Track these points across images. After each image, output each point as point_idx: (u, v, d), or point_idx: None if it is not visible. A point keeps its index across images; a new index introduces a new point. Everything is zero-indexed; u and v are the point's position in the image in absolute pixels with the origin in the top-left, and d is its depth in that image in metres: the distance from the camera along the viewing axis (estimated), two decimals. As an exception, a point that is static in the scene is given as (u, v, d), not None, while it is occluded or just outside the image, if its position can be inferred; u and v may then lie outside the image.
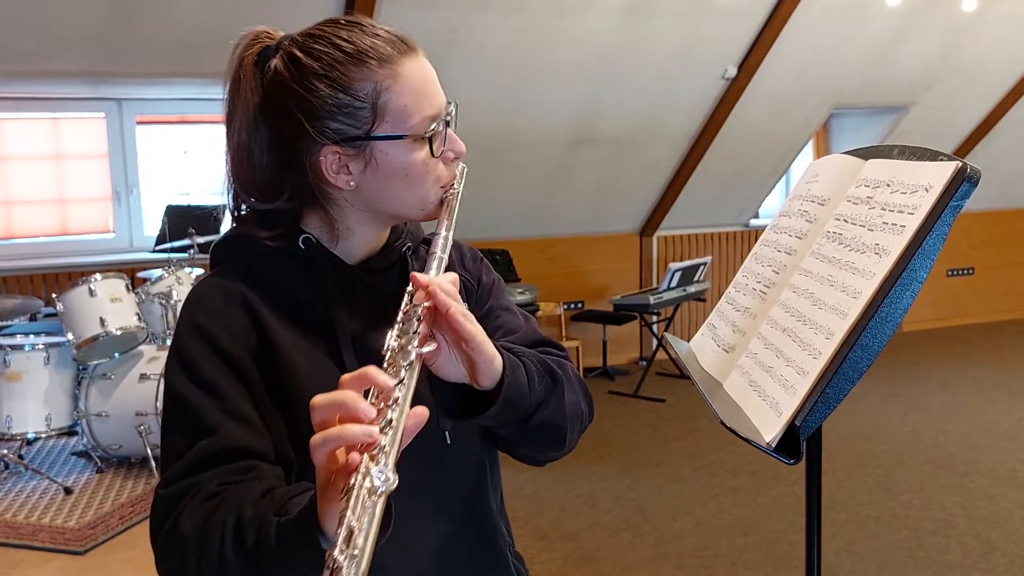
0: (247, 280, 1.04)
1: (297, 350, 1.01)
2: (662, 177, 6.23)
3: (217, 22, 4.21)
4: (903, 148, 1.12)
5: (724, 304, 1.38)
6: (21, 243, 5.24)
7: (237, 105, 1.04)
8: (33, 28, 4.14)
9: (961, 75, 6.30)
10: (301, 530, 0.82)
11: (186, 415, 0.97)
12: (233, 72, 1.05)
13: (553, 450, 1.11)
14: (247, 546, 0.86)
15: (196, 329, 1.00)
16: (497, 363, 0.97)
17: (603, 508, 3.89)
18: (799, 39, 5.45)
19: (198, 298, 1.03)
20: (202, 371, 0.98)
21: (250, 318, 1.01)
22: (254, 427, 0.97)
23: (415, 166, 1.01)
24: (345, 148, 1.00)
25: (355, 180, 1.02)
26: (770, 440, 1.01)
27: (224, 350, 0.99)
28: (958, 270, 7.79)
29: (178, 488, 0.94)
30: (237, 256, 1.07)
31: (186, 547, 0.91)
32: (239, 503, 0.89)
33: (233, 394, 0.97)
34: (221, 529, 0.88)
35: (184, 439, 0.96)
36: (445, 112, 1.04)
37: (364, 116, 0.99)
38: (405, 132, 1.00)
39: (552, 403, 1.05)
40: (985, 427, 4.89)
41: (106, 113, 5.30)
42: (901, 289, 0.98)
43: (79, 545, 3.53)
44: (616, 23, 4.98)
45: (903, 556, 3.34)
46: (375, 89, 0.99)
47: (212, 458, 0.94)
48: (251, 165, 1.04)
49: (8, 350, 4.08)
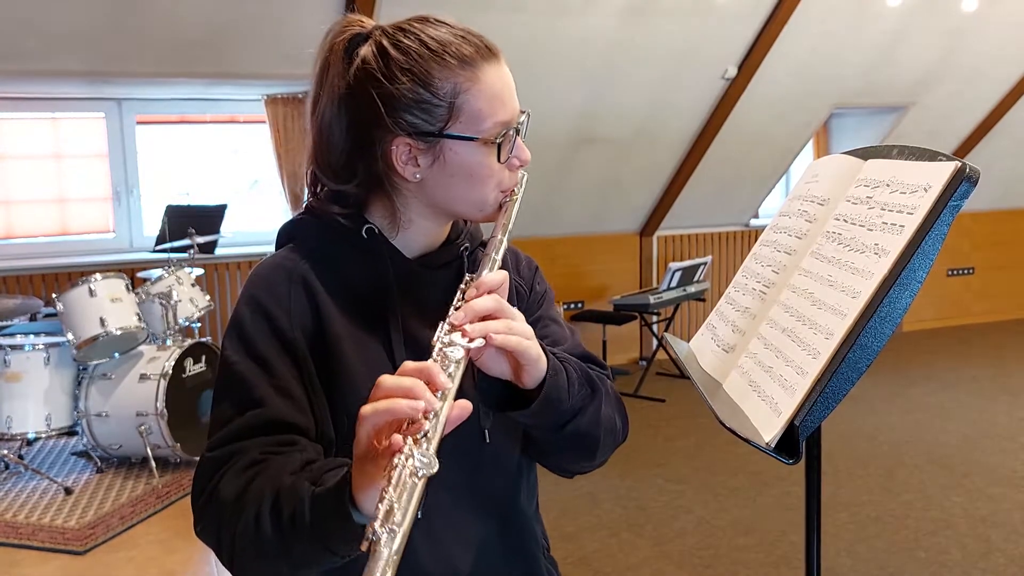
0: (311, 262, 1.07)
1: (350, 337, 1.05)
2: (662, 177, 6.23)
3: (217, 22, 4.21)
4: (903, 148, 1.12)
5: (724, 304, 1.38)
6: (21, 243, 5.24)
7: (324, 88, 1.07)
8: (33, 28, 4.14)
9: (961, 75, 6.30)
10: (335, 500, 0.85)
11: (237, 386, 1.01)
12: (323, 56, 1.07)
13: (584, 460, 1.14)
14: (283, 516, 0.89)
15: (258, 306, 1.04)
16: (542, 364, 1.00)
17: (604, 508, 3.89)
18: (799, 39, 5.45)
19: (263, 276, 1.07)
20: (257, 347, 1.02)
21: (309, 302, 1.05)
22: (300, 405, 1.01)
23: (480, 168, 1.04)
24: (417, 141, 1.03)
25: (421, 173, 1.05)
26: (770, 440, 1.01)
27: (281, 330, 1.03)
28: (958, 270, 7.79)
29: (223, 452, 0.98)
30: (306, 236, 1.11)
31: (224, 511, 0.94)
32: (278, 473, 0.93)
33: (284, 372, 1.01)
34: (260, 497, 0.92)
35: (233, 408, 1.00)
36: (517, 120, 1.06)
37: (440, 113, 1.02)
38: (476, 134, 1.03)
39: (588, 412, 1.08)
40: (985, 427, 4.89)
41: (106, 113, 5.30)
42: (900, 289, 0.98)
43: (79, 545, 3.53)
44: (616, 23, 4.98)
45: (903, 556, 3.34)
46: (454, 89, 1.02)
47: (258, 428, 0.98)
48: (330, 147, 1.07)
49: (8, 350, 4.08)
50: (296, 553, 0.91)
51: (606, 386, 1.15)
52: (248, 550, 0.93)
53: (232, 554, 0.95)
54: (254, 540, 0.91)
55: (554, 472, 1.20)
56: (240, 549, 0.93)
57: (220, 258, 5.34)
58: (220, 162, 5.80)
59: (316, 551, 0.90)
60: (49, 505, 3.87)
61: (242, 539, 0.93)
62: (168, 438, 4.08)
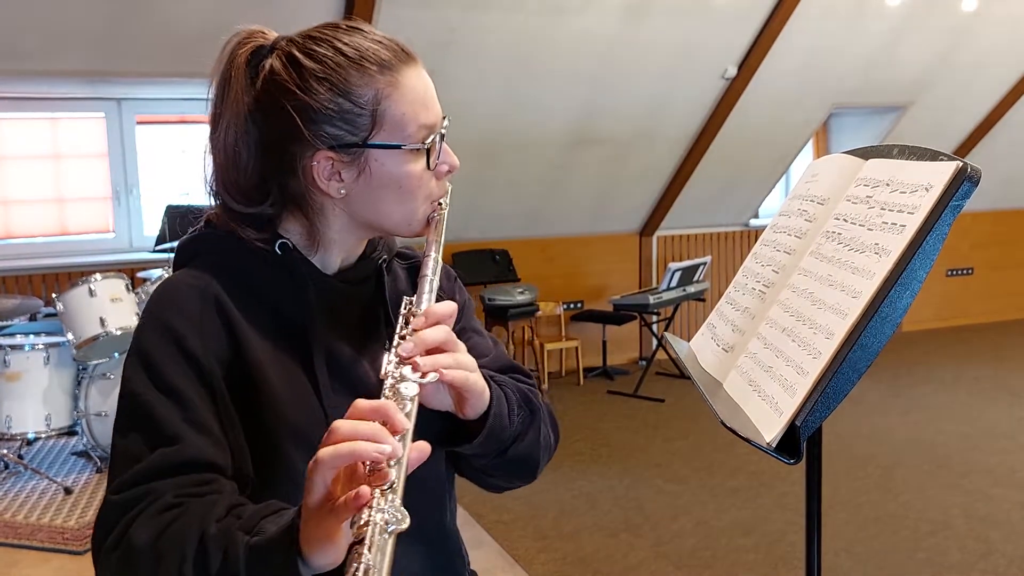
0: (223, 282, 0.99)
1: (269, 359, 0.98)
2: (662, 177, 6.23)
3: (217, 22, 4.17)
4: (903, 148, 1.12)
5: (724, 304, 1.38)
6: (21, 243, 5.24)
7: (226, 104, 1.00)
8: (33, 28, 4.14)
9: (961, 75, 6.30)
10: (280, 553, 0.78)
11: (146, 419, 0.91)
12: (223, 71, 1.01)
13: (522, 481, 1.11)
14: (210, 566, 0.80)
15: (166, 330, 0.95)
16: (486, 396, 0.97)
17: (602, 508, 3.88)
18: (799, 39, 5.45)
19: (171, 297, 0.98)
20: (168, 376, 0.92)
21: (224, 323, 0.97)
22: (216, 439, 0.92)
23: (409, 178, 0.99)
24: (340, 154, 0.97)
25: (346, 188, 0.99)
26: (770, 440, 1.01)
27: (193, 356, 0.94)
28: (958, 270, 7.79)
29: (132, 494, 0.87)
30: (215, 254, 1.02)
31: (138, 561, 0.84)
32: (201, 518, 0.83)
33: (198, 402, 0.92)
34: (181, 544, 0.82)
35: (142, 444, 0.90)
36: (441, 125, 1.01)
37: (363, 123, 0.97)
38: (402, 141, 0.98)
39: (528, 436, 1.06)
40: (985, 427, 4.88)
41: (106, 113, 5.30)
42: (901, 289, 0.98)
43: (79, 545, 3.53)
44: (616, 23, 4.98)
45: (903, 556, 3.34)
46: (376, 96, 0.97)
47: (171, 468, 0.88)
48: (236, 167, 1.00)
49: (8, 350, 4.08)
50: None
51: (540, 402, 1.11)
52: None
53: None
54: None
55: (488, 490, 1.17)
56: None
57: (220, 258, 5.33)
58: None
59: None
60: (49, 505, 3.86)
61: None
62: (168, 438, 4.08)
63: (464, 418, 0.97)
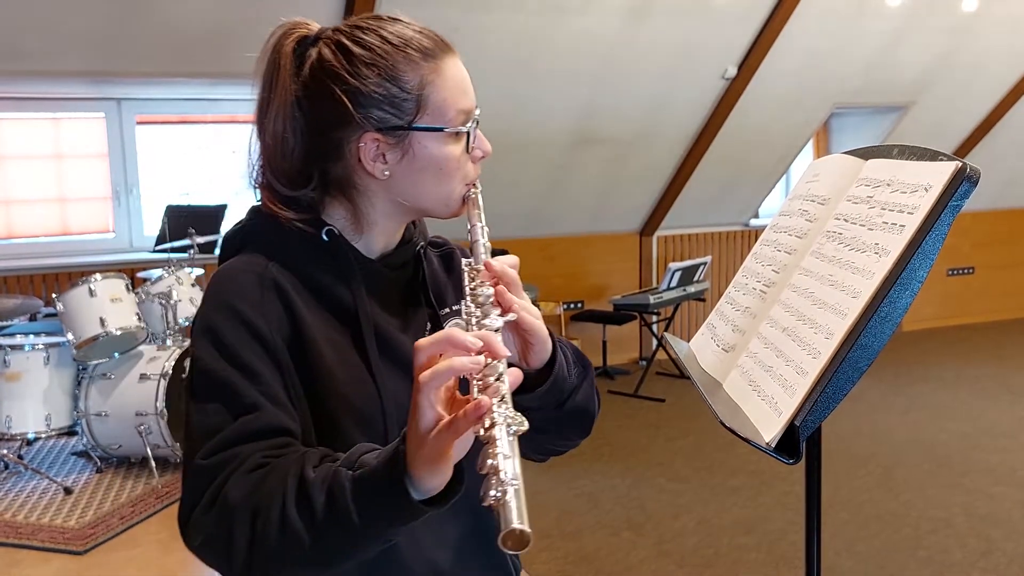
0: (276, 266, 1.05)
1: (324, 339, 1.03)
2: (662, 177, 6.23)
3: (217, 22, 4.20)
4: (903, 148, 1.12)
5: (724, 304, 1.38)
6: (21, 243, 5.24)
7: (274, 92, 1.05)
8: (33, 28, 4.14)
9: (961, 75, 6.30)
10: (388, 477, 0.83)
11: (225, 392, 0.96)
12: (269, 59, 1.06)
13: (580, 435, 1.15)
14: (314, 505, 0.86)
15: (232, 311, 1.00)
16: (549, 345, 1.02)
17: (604, 508, 3.89)
18: (799, 39, 5.45)
19: (232, 281, 1.03)
20: (238, 353, 0.98)
21: (283, 305, 1.02)
22: (288, 411, 0.99)
23: (448, 160, 1.05)
24: (386, 136, 1.03)
25: (390, 170, 1.04)
26: (770, 440, 1.01)
27: (260, 334, 1.00)
28: (958, 270, 7.79)
29: (220, 459, 0.93)
30: (265, 242, 1.07)
31: (236, 516, 0.89)
32: (298, 467, 0.89)
33: (268, 377, 0.98)
34: (281, 493, 0.87)
35: (223, 414, 0.96)
36: (475, 113, 1.08)
37: (408, 107, 1.02)
38: (444, 125, 1.04)
39: (584, 388, 1.10)
40: (985, 427, 4.88)
41: (106, 113, 5.30)
42: (901, 288, 0.98)
43: (79, 545, 3.53)
44: (616, 23, 4.98)
45: (903, 555, 3.34)
46: (420, 81, 1.03)
47: (254, 434, 0.94)
48: (283, 152, 1.05)
49: (8, 350, 4.08)
50: (333, 546, 0.87)
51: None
52: (272, 553, 0.87)
53: (249, 561, 0.89)
54: (279, 540, 0.87)
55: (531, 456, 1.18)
56: (261, 553, 0.88)
57: (220, 258, 5.33)
58: (220, 162, 5.80)
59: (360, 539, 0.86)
60: (49, 505, 3.86)
61: (264, 542, 0.87)
62: (168, 438, 4.08)
63: (528, 368, 1.02)
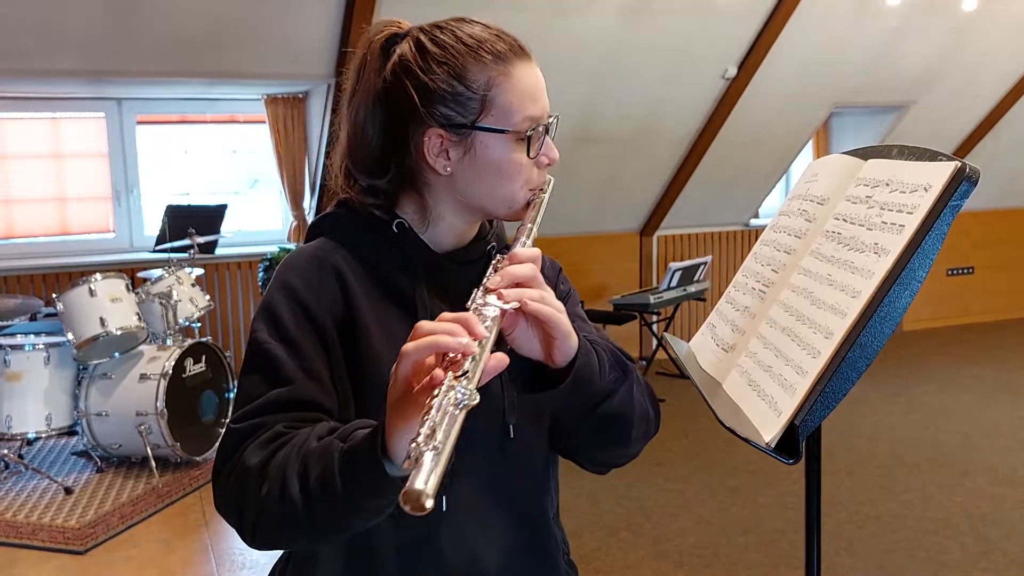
0: (343, 253, 1.10)
1: (378, 326, 1.07)
2: (662, 177, 6.23)
3: (217, 22, 4.20)
4: (903, 148, 1.12)
5: (724, 304, 1.38)
6: (21, 243, 5.24)
7: (360, 84, 1.10)
8: (33, 27, 4.14)
9: (961, 75, 6.30)
10: (366, 450, 0.87)
11: (267, 364, 1.03)
12: (361, 54, 1.10)
13: (617, 445, 1.12)
14: (310, 477, 0.91)
15: (289, 290, 1.06)
16: (573, 340, 1.00)
17: (603, 507, 3.89)
18: (799, 39, 5.45)
19: (295, 263, 1.10)
20: (288, 330, 1.04)
21: (340, 289, 1.07)
22: (326, 387, 1.04)
23: (509, 163, 1.07)
24: (449, 133, 1.05)
25: (452, 166, 1.07)
26: (769, 440, 1.01)
27: (311, 313, 1.05)
28: (958, 269, 7.79)
29: (249, 425, 1.00)
30: (338, 228, 1.13)
31: (249, 479, 0.95)
32: (306, 440, 0.94)
33: (311, 353, 1.04)
34: (286, 462, 0.93)
35: (261, 384, 1.02)
36: (546, 120, 1.10)
37: (473, 106, 1.05)
38: (507, 127, 1.05)
39: (620, 394, 1.07)
40: (985, 427, 4.89)
41: (106, 113, 5.30)
42: (900, 288, 0.98)
43: (79, 544, 3.53)
44: (616, 23, 4.98)
45: (903, 555, 3.34)
46: (487, 83, 1.05)
47: (285, 404, 1.00)
48: (364, 142, 1.09)
49: (8, 350, 4.08)
50: (322, 515, 0.91)
51: (637, 373, 1.14)
52: (273, 516, 0.94)
53: (256, 522, 0.96)
54: (279, 505, 0.92)
55: (586, 466, 1.19)
56: (264, 516, 0.94)
57: (220, 258, 5.34)
58: (220, 162, 5.81)
59: (343, 510, 0.90)
60: (49, 505, 3.86)
61: (267, 505, 0.93)
62: (168, 438, 4.09)
63: (554, 366, 1.00)
